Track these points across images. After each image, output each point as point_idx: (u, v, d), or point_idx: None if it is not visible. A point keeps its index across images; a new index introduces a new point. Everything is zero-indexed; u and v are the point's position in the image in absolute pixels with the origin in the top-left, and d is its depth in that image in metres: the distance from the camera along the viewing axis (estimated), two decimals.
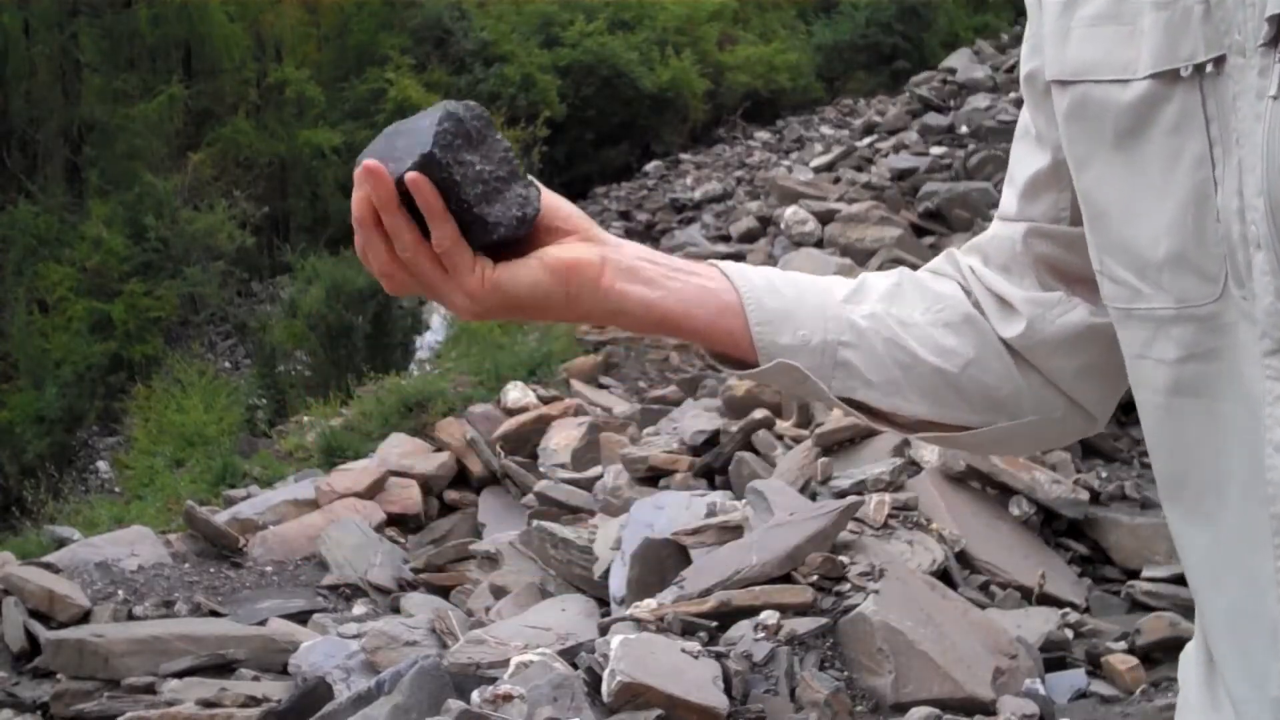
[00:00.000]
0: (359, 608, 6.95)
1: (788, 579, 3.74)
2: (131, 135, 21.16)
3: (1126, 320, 0.89)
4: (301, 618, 6.77)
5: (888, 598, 3.58)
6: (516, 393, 9.11)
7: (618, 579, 4.72)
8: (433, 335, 17.58)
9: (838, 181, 14.52)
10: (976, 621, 3.80)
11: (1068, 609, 4.31)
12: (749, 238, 13.68)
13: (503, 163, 0.95)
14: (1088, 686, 3.85)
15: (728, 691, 3.26)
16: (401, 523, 8.26)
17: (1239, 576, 0.84)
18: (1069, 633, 4.13)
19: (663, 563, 4.52)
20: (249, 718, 5.02)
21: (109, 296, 19.09)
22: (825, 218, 12.41)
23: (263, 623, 6.60)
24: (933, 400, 1.03)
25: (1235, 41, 0.79)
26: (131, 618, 6.53)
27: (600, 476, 7.04)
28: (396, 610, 6.60)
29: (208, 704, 5.25)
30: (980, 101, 17.18)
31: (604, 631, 3.67)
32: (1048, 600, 4.34)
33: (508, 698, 3.13)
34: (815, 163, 16.28)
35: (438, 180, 0.92)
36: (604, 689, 3.16)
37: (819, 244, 12.09)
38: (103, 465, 17.27)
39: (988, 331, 1.03)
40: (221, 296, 20.09)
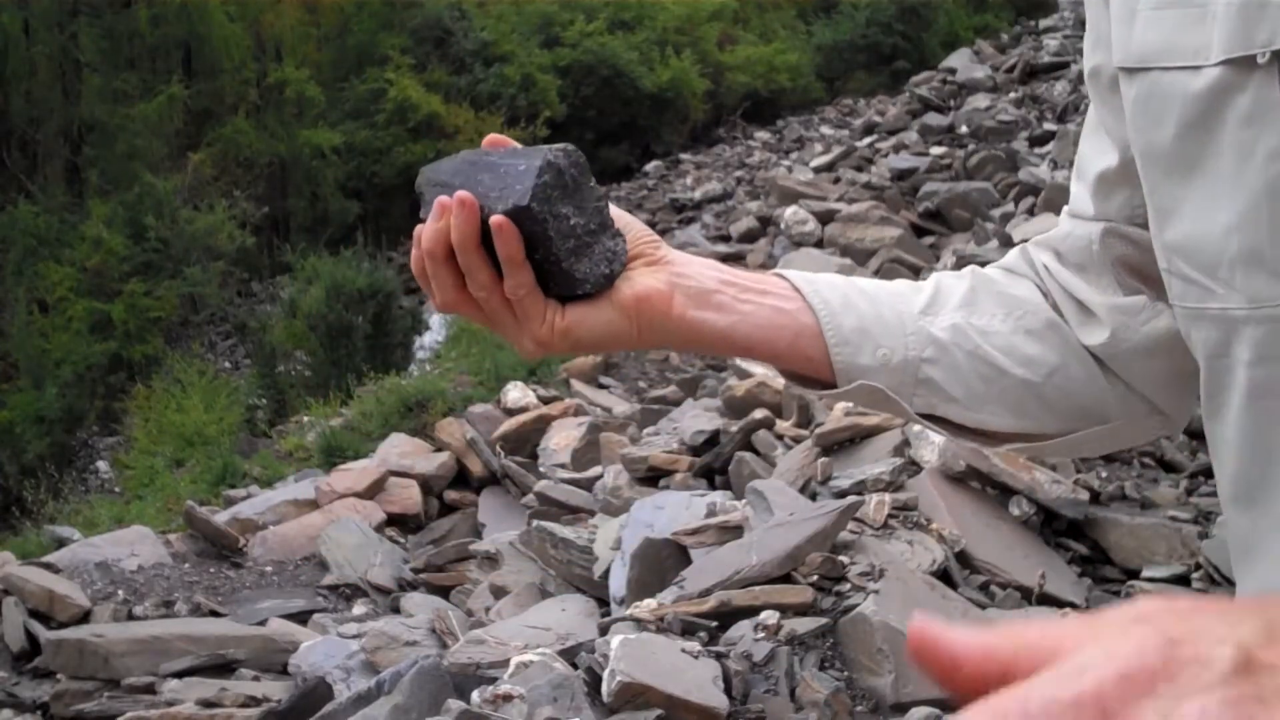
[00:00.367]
0: (359, 608, 6.95)
1: (788, 579, 3.74)
2: (131, 135, 21.17)
3: (1198, 321, 0.86)
4: (301, 618, 6.77)
5: (888, 598, 3.58)
6: (516, 393, 9.11)
7: (618, 579, 4.72)
8: (433, 335, 17.59)
9: (838, 181, 14.53)
10: (977, 621, 3.79)
11: (1068, 609, 4.30)
12: (749, 238, 13.68)
13: (595, 213, 0.92)
14: None
15: (728, 691, 3.26)
16: (401, 523, 8.26)
17: None
18: None
19: (663, 563, 4.52)
20: (249, 718, 5.02)
21: (109, 296, 19.10)
22: (825, 218, 12.42)
23: (263, 623, 6.60)
24: (1017, 412, 1.00)
25: None
26: (131, 618, 6.53)
27: (600, 476, 7.03)
28: (396, 610, 6.60)
29: (208, 704, 5.26)
30: (980, 101, 17.20)
31: (604, 631, 3.67)
32: (1048, 600, 4.33)
33: (508, 698, 3.13)
34: (815, 163, 16.29)
35: (527, 232, 0.88)
36: (604, 689, 3.16)
37: (819, 244, 12.10)
38: (103, 465, 17.28)
39: (1070, 337, 1.00)
40: (221, 296, 20.11)
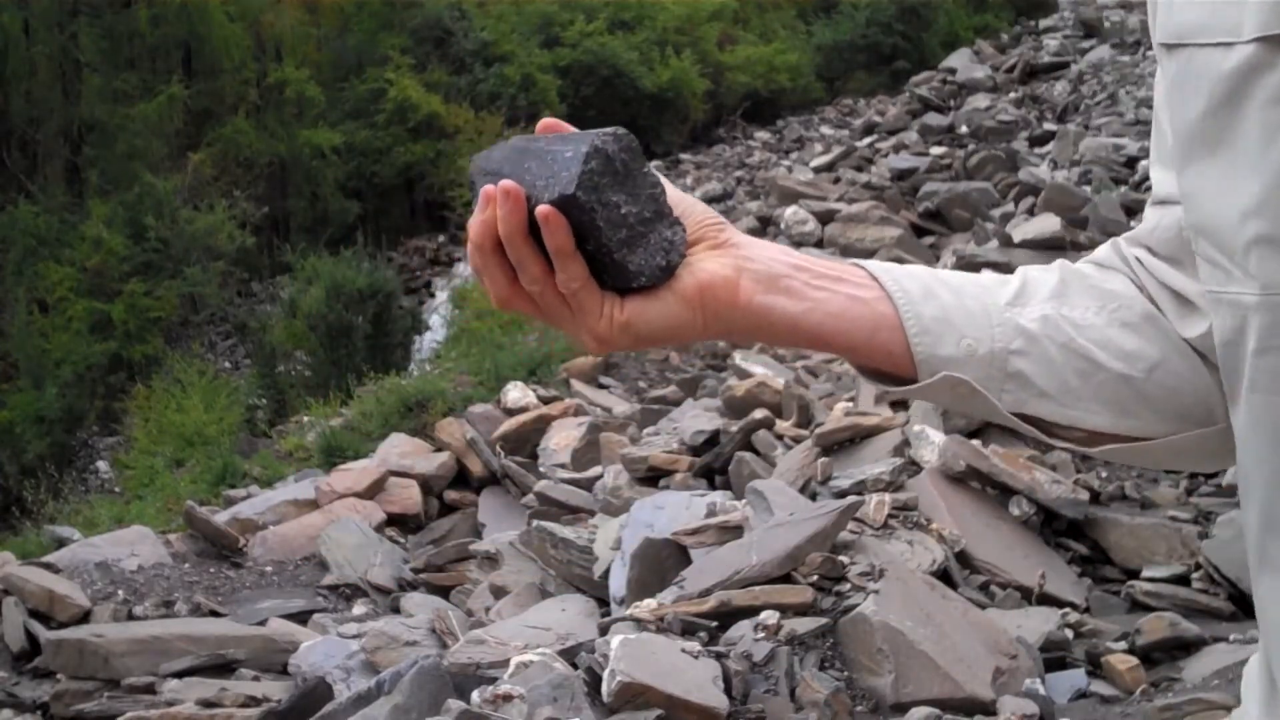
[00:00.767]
0: (359, 608, 6.94)
1: (788, 579, 3.74)
2: (131, 135, 21.18)
3: (1218, 306, 0.82)
4: (301, 618, 6.77)
5: (888, 598, 3.57)
6: (516, 393, 9.11)
7: (618, 579, 4.72)
8: (433, 335, 17.60)
9: (838, 181, 14.54)
10: (976, 621, 3.80)
11: (1068, 609, 4.30)
12: None
13: (649, 201, 0.87)
14: (1088, 686, 3.84)
15: (728, 691, 3.26)
16: (401, 523, 8.26)
17: None
18: (1069, 633, 4.12)
19: (663, 563, 4.52)
20: (249, 718, 5.02)
21: (109, 296, 19.10)
22: (825, 218, 12.43)
23: (263, 623, 6.60)
24: (1116, 410, 0.93)
25: None
26: (131, 618, 6.53)
27: (600, 476, 7.03)
28: (396, 610, 6.60)
29: (208, 704, 5.26)
30: (980, 101, 17.21)
31: (604, 631, 3.68)
32: (1048, 600, 4.33)
33: (508, 698, 3.13)
34: (815, 163, 16.30)
35: (576, 222, 0.84)
36: (604, 689, 3.16)
37: (819, 244, 12.11)
38: (103, 465, 17.28)
39: (1169, 331, 0.94)
40: (221, 296, 20.11)
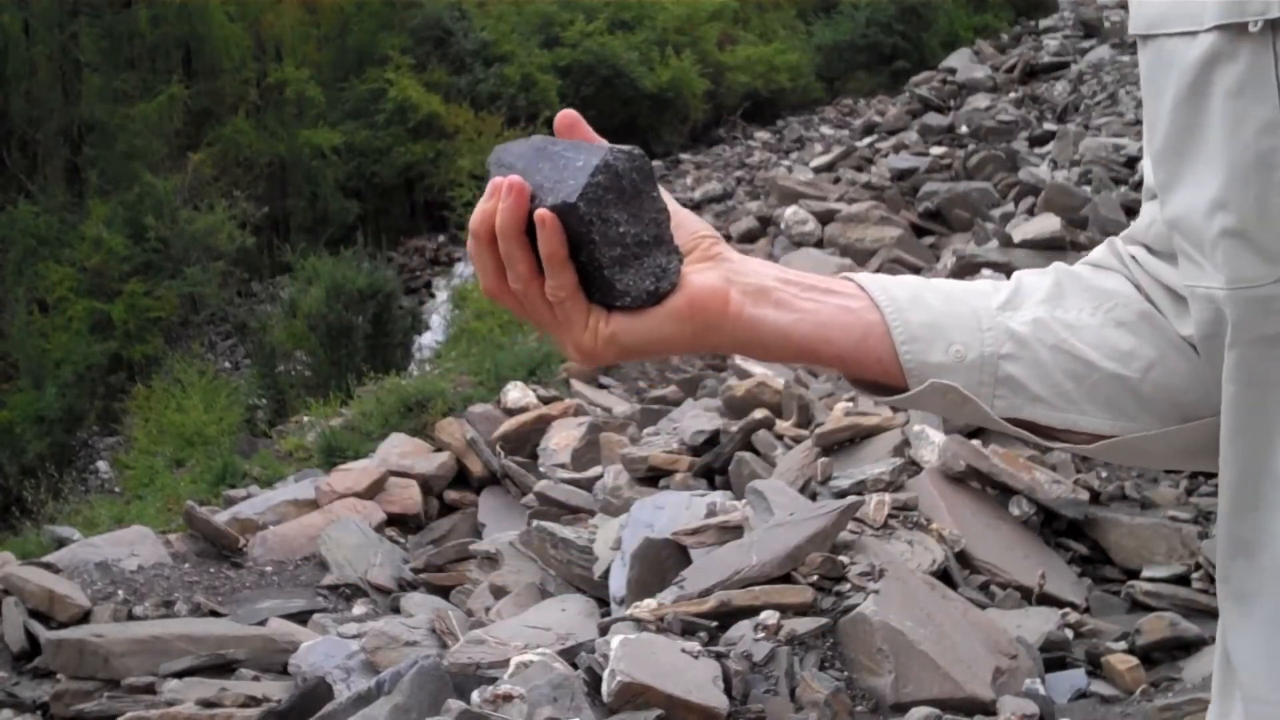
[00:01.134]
0: (359, 608, 6.94)
1: (788, 579, 3.74)
2: (131, 135, 21.18)
3: (1194, 299, 0.82)
4: (301, 618, 6.77)
5: (888, 598, 3.58)
6: (516, 393, 9.10)
7: (618, 579, 4.72)
8: (433, 335, 17.60)
9: (838, 181, 14.53)
10: (976, 621, 3.80)
11: (1068, 609, 4.30)
12: (749, 238, 13.68)
13: (651, 225, 0.86)
14: (1088, 686, 3.84)
15: (728, 691, 3.26)
16: (401, 523, 8.26)
17: None
18: (1069, 633, 4.13)
19: (663, 563, 4.52)
20: (249, 718, 5.02)
21: (109, 296, 19.10)
22: (825, 218, 12.42)
23: (263, 623, 6.60)
24: (1113, 411, 0.91)
25: None
26: (131, 618, 6.53)
27: (600, 476, 7.03)
28: (396, 610, 6.60)
29: (208, 704, 5.26)
30: (980, 101, 17.20)
31: (604, 631, 3.68)
32: (1048, 600, 4.33)
33: (508, 698, 3.13)
34: (815, 163, 16.29)
35: (573, 232, 0.84)
36: (604, 689, 3.16)
37: (819, 244, 12.10)
38: (103, 465, 17.28)
39: (1167, 329, 0.92)
40: (221, 296, 20.11)
